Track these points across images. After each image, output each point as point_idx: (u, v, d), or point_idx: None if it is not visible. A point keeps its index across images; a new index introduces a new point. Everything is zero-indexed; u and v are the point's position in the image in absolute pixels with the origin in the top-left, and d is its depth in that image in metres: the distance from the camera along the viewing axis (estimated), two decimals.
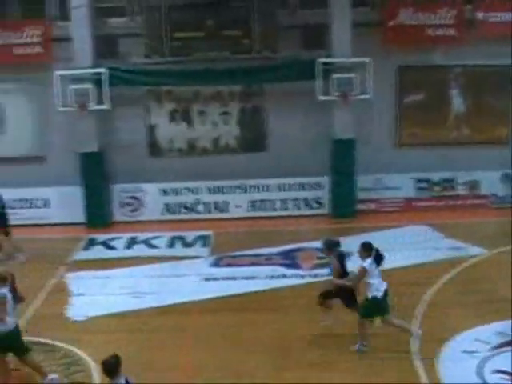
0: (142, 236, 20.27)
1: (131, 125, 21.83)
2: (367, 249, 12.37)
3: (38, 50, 21.53)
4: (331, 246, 13.21)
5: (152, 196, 21.86)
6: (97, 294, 16.02)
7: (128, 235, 20.47)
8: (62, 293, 16.20)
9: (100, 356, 12.23)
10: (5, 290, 11.44)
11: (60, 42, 21.24)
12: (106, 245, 19.93)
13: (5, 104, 22.36)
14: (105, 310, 14.94)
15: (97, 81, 20.64)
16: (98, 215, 21.48)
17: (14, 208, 21.83)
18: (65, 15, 21.49)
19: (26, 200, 22.20)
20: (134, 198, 21.95)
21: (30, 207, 22.19)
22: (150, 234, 20.33)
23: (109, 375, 9.07)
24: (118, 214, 21.97)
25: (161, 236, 20.17)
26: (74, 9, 20.80)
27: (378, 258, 12.30)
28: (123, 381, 9.07)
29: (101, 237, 20.47)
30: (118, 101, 21.00)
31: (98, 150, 21.48)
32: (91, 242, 20.16)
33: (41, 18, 21.75)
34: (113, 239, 20.26)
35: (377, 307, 12.30)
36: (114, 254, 19.08)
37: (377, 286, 12.18)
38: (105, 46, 21.38)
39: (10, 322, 11.40)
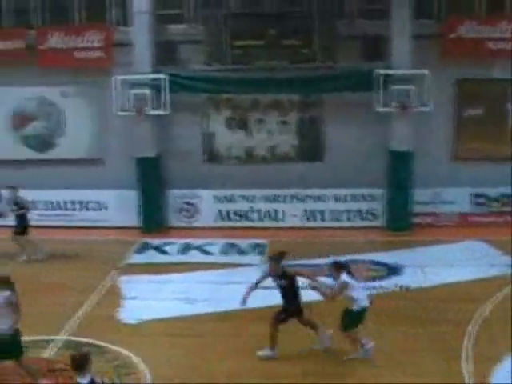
0: (195, 242, 20.50)
1: (188, 131, 22.11)
2: (338, 267, 12.62)
3: (98, 54, 21.99)
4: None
5: (207, 202, 22.09)
6: (149, 298, 16.22)
7: (182, 241, 20.72)
8: (114, 295, 16.48)
9: (151, 359, 12.62)
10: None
11: (120, 47, 21.69)
12: (160, 249, 20.20)
13: (64, 107, 22.88)
14: (156, 314, 15.13)
15: (156, 86, 20.99)
16: (153, 220, 21.82)
17: (70, 210, 22.47)
18: (126, 21, 22.03)
19: (83, 202, 22.67)
20: (190, 203, 22.19)
21: (87, 209, 22.65)
22: (203, 241, 20.55)
23: (76, 370, 8.98)
24: (173, 220, 22.23)
25: (214, 243, 20.36)
26: (135, 14, 21.26)
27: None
28: (87, 380, 8.93)
29: (155, 241, 20.76)
30: (176, 107, 21.28)
31: (155, 155, 21.84)
32: (145, 246, 20.46)
33: (102, 23, 22.27)
34: (167, 244, 20.52)
35: (357, 319, 12.49)
36: (168, 259, 19.33)
37: (359, 299, 12.41)
38: (164, 52, 21.73)
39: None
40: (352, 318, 12.51)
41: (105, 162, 22.76)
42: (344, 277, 12.41)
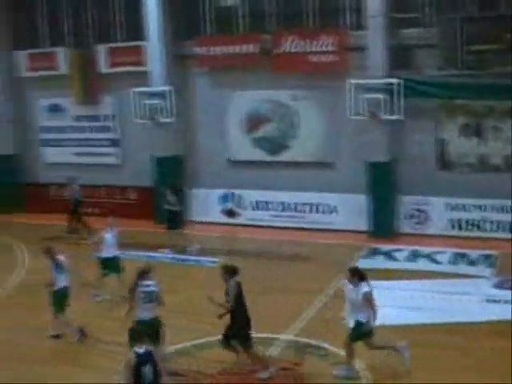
0: (424, 250, 20.59)
1: (421, 137, 22.16)
2: (356, 273, 12.89)
3: (332, 58, 22.62)
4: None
5: (438, 210, 22.04)
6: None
7: (411, 248, 20.90)
8: (340, 299, 16.86)
9: (375, 366, 12.92)
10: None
11: (354, 51, 22.25)
12: (388, 255, 20.53)
13: (298, 110, 23.80)
14: (380, 320, 15.27)
15: (389, 91, 21.26)
16: (383, 225, 22.21)
17: (301, 212, 23.33)
18: (360, 24, 22.50)
19: (313, 204, 23.51)
20: (420, 210, 22.28)
21: (317, 212, 23.44)
22: (433, 249, 20.58)
23: (133, 342, 10.21)
24: (403, 226, 22.46)
25: (444, 251, 20.33)
26: (370, 18, 21.67)
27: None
28: (143, 350, 9.99)
29: (383, 247, 21.13)
30: (408, 112, 21.42)
31: (387, 160, 22.16)
32: (373, 252, 20.89)
33: (336, 27, 22.89)
34: (395, 250, 20.80)
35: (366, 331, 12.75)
36: (395, 266, 19.58)
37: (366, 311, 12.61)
38: (398, 57, 21.94)
39: None
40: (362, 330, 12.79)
41: (335, 165, 23.41)
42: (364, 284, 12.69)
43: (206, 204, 25.07)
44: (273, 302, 16.81)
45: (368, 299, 12.74)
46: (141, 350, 10.02)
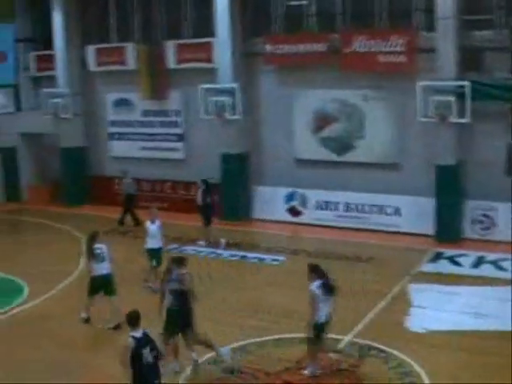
0: (490, 256, 20.52)
1: (490, 141, 21.88)
2: (312, 270, 13.21)
3: (401, 59, 22.61)
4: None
5: (505, 216, 21.84)
6: (438, 308, 16.69)
7: (476, 253, 20.86)
8: (403, 302, 17.18)
9: (435, 372, 13.08)
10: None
11: (424, 52, 22.26)
12: (453, 260, 20.52)
13: (365, 110, 23.91)
14: (444, 325, 15.55)
15: (459, 94, 21.20)
16: (448, 229, 22.22)
17: (366, 213, 23.52)
18: (431, 26, 22.38)
19: (378, 206, 23.67)
20: (486, 216, 22.18)
21: (382, 214, 23.59)
22: (499, 255, 20.45)
23: (130, 325, 10.82)
24: (469, 231, 22.38)
25: (509, 258, 20.02)
26: (440, 20, 21.65)
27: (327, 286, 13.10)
28: (140, 333, 10.70)
29: (448, 251, 21.14)
30: (478, 115, 21.30)
31: (455, 163, 22.13)
32: (438, 256, 20.93)
33: (406, 28, 22.93)
34: (460, 255, 20.78)
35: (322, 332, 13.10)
36: (460, 271, 19.62)
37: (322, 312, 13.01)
38: (468, 59, 21.83)
39: None
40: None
41: (402, 167, 23.47)
42: (315, 284, 13.07)
43: (270, 202, 25.41)
44: (335, 302, 16.95)
45: (311, 296, 13.15)
46: (138, 333, 10.70)
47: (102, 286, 16.03)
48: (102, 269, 16.02)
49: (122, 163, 28.44)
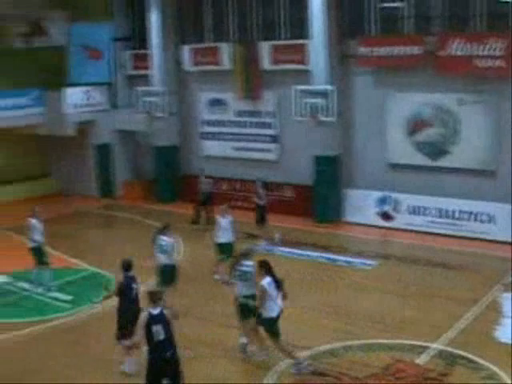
0: None
1: None
2: (261, 266, 13.75)
3: (499, 63, 22.39)
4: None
5: None
6: None
7: None
8: (494, 311, 17.13)
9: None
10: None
11: None
12: None
13: (461, 115, 23.78)
14: None
15: None
16: None
17: (459, 219, 23.44)
18: None
19: (472, 213, 23.49)
20: None
21: (475, 221, 23.44)
22: None
23: (152, 301, 11.51)
24: None
25: None
26: None
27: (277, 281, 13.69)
28: (158, 310, 11.41)
29: None
30: None
31: None
32: None
33: (505, 32, 22.61)
34: None
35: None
36: None
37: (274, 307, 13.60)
38: None
39: None
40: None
41: (497, 173, 23.30)
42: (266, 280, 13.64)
43: (361, 205, 25.61)
44: (425, 308, 17.26)
45: (261, 291, 13.64)
46: (155, 310, 11.39)
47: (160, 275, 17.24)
48: (164, 259, 17.13)
49: (212, 162, 29.12)
